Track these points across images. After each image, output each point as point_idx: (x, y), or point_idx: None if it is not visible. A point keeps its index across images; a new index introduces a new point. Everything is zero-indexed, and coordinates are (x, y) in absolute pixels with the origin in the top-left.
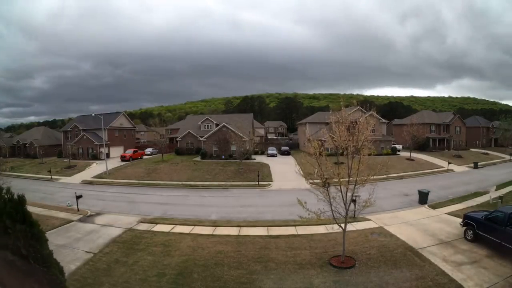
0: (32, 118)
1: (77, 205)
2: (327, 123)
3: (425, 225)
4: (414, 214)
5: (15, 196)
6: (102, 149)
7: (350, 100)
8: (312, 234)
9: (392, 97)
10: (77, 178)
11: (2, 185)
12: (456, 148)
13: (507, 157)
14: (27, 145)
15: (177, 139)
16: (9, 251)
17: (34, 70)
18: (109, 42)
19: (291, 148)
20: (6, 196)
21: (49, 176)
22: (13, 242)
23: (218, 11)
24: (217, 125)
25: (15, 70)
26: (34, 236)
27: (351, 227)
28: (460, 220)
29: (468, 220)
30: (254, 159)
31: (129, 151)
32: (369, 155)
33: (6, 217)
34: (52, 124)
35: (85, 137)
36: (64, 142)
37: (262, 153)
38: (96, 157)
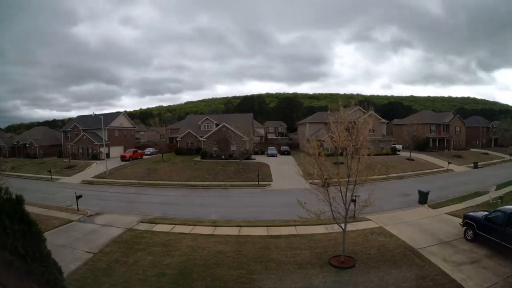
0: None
1: (77, 205)
2: (327, 123)
3: (425, 225)
4: (414, 214)
5: (13, 196)
6: (102, 149)
7: (350, 100)
8: (312, 234)
9: (392, 97)
10: (77, 178)
11: (1, 185)
12: (456, 148)
13: (507, 157)
14: (27, 145)
15: (177, 139)
16: (7, 251)
17: None
18: None
19: (291, 148)
20: (4, 196)
21: (49, 176)
22: (11, 242)
23: None
24: (217, 125)
25: None
26: (32, 236)
27: (351, 227)
28: (460, 220)
29: (468, 220)
30: (254, 159)
31: (129, 151)
32: (368, 155)
33: (5, 217)
34: (52, 124)
35: (85, 137)
36: (64, 142)
37: (262, 153)
38: (96, 157)
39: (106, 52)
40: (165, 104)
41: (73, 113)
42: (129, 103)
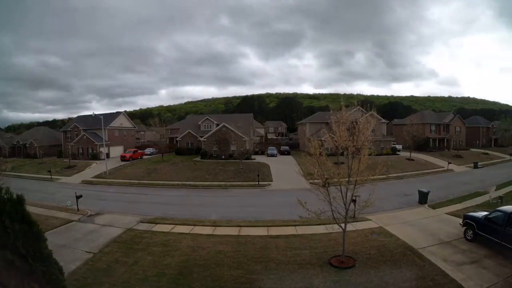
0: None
1: (77, 205)
2: (327, 123)
3: (425, 225)
4: (414, 214)
5: (14, 196)
6: (102, 149)
7: (350, 100)
8: (312, 234)
9: (392, 97)
10: (77, 178)
11: (1, 185)
12: (456, 148)
13: (507, 157)
14: (27, 145)
15: (177, 139)
16: (8, 250)
17: None
18: None
19: (291, 148)
20: (5, 196)
21: (49, 176)
22: (12, 241)
23: None
24: (217, 125)
25: None
26: (33, 236)
27: (351, 227)
28: (460, 220)
29: (468, 220)
30: (254, 159)
31: (129, 151)
32: (370, 155)
33: (6, 217)
34: (52, 124)
35: (85, 137)
36: (64, 142)
37: (262, 153)
38: (96, 157)
39: (44, 72)
40: (127, 109)
41: (49, 115)
42: (94, 106)
